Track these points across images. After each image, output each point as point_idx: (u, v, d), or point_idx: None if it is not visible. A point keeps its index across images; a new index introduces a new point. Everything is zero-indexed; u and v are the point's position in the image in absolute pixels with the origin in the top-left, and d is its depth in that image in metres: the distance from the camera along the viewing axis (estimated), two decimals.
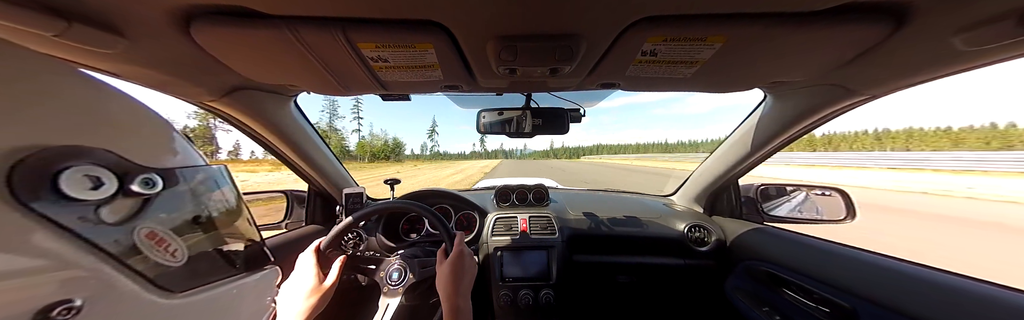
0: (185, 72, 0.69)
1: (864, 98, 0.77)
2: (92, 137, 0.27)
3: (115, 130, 0.30)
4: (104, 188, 0.26)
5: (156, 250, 0.29)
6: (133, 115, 0.32)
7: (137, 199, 0.29)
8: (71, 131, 0.26)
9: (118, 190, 0.27)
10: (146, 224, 0.29)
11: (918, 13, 0.48)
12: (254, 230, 0.45)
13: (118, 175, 0.27)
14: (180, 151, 0.36)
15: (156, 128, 0.35)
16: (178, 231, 0.32)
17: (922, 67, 0.61)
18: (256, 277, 0.42)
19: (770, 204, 1.28)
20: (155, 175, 0.30)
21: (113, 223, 0.27)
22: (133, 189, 0.28)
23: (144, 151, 0.31)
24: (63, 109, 0.26)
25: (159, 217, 0.30)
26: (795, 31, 0.51)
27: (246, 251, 0.42)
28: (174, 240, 0.31)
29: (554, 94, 1.03)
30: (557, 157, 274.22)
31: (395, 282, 0.88)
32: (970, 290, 0.63)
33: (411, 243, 1.28)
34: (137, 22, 0.49)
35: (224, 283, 0.36)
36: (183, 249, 0.31)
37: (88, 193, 0.25)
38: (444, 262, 0.79)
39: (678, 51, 0.59)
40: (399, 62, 0.63)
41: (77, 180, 0.25)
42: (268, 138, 1.07)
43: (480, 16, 0.49)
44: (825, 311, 0.84)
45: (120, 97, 0.32)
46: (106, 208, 0.26)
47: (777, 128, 0.98)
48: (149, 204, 0.29)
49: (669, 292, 1.39)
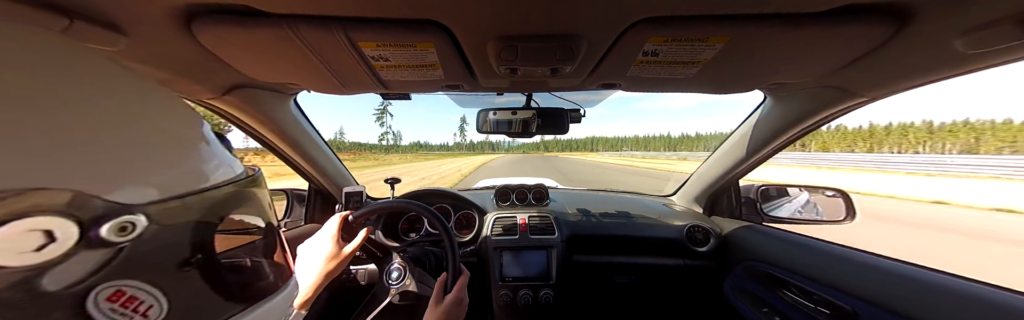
0: (186, 70, 0.69)
1: (864, 100, 0.77)
2: (55, 170, 0.19)
3: (96, 153, 0.21)
4: (53, 247, 0.19)
5: (119, 314, 0.21)
6: (136, 120, 0.24)
7: (106, 250, 0.21)
8: (30, 164, 0.18)
9: (77, 243, 0.19)
10: (112, 282, 0.21)
11: (920, 15, 0.48)
12: (277, 244, 0.36)
13: (80, 223, 0.19)
14: (194, 167, 0.27)
15: (169, 137, 0.26)
16: (162, 278, 0.23)
17: (923, 69, 0.61)
18: (275, 300, 0.33)
19: (770, 205, 1.28)
20: (139, 215, 0.22)
21: (57, 291, 0.19)
22: (101, 237, 0.20)
23: (133, 180, 0.23)
24: (19, 123, 0.18)
25: (135, 269, 0.22)
26: (796, 32, 0.51)
27: (262, 275, 0.34)
28: (150, 294, 0.23)
29: (554, 94, 1.03)
30: (549, 150, 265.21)
31: (393, 281, 0.88)
32: (971, 292, 0.63)
33: (410, 243, 1.28)
34: (139, 20, 0.49)
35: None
36: (162, 304, 0.23)
37: (26, 256, 0.18)
38: (440, 301, 0.75)
39: (679, 51, 0.59)
40: (400, 61, 0.63)
41: (14, 240, 0.17)
42: (268, 136, 1.07)
43: (481, 16, 0.49)
44: (825, 313, 0.84)
45: (117, 90, 0.24)
46: (53, 271, 0.19)
47: (777, 129, 0.98)
48: (122, 253, 0.21)
49: (668, 293, 1.39)
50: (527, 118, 1.03)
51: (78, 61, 0.23)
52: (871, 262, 0.81)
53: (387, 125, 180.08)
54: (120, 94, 0.24)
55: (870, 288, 0.76)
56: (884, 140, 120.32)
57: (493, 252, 1.24)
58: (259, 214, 0.33)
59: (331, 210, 1.46)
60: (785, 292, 0.98)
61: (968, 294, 0.63)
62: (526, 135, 1.07)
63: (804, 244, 1.01)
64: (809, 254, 0.96)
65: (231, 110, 0.92)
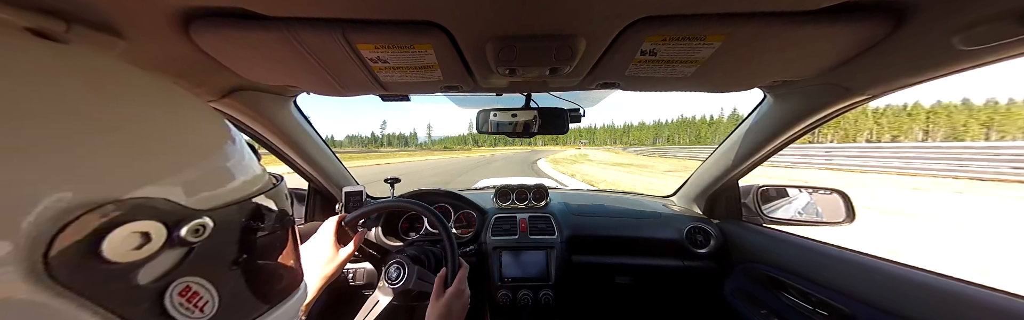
0: (184, 73, 0.69)
1: (864, 98, 0.77)
2: (149, 181, 0.23)
3: (176, 165, 0.25)
4: (149, 246, 0.22)
5: (185, 309, 0.24)
6: (198, 137, 0.28)
7: (182, 249, 0.24)
8: (132, 175, 0.22)
9: (165, 243, 0.23)
10: (184, 278, 0.24)
11: (918, 12, 0.48)
12: (295, 252, 0.39)
13: (168, 226, 0.23)
14: (241, 177, 0.30)
15: (220, 149, 0.29)
16: (217, 276, 0.27)
17: (922, 66, 0.61)
18: (292, 301, 0.36)
19: (770, 206, 1.27)
20: (208, 218, 0.25)
21: (147, 284, 0.22)
22: (181, 238, 0.23)
23: (203, 189, 0.26)
24: (129, 143, 0.22)
25: (200, 267, 0.25)
26: (795, 30, 0.51)
27: (285, 279, 0.36)
28: (209, 291, 0.26)
29: (554, 94, 1.03)
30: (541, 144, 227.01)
31: (392, 280, 0.88)
32: (971, 295, 0.63)
33: (410, 242, 1.28)
34: (136, 24, 0.49)
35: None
36: (215, 300, 0.26)
37: (129, 254, 0.21)
38: (441, 295, 0.76)
39: (677, 50, 0.59)
40: (398, 63, 0.63)
41: (123, 240, 0.20)
42: (269, 138, 1.08)
43: (479, 17, 0.49)
44: (823, 315, 0.84)
45: (195, 116, 0.28)
46: (145, 267, 0.22)
47: (777, 128, 0.98)
48: (193, 253, 0.25)
49: (668, 294, 1.39)
50: (527, 119, 1.03)
51: (161, 90, 0.27)
52: (870, 264, 0.81)
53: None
54: (194, 119, 0.29)
55: (869, 290, 0.76)
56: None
57: (493, 252, 1.24)
58: (285, 218, 0.36)
59: (331, 209, 1.47)
60: (784, 294, 0.97)
61: (967, 297, 0.63)
62: (526, 135, 1.07)
63: (804, 246, 1.00)
64: (808, 256, 0.96)
65: (231, 113, 0.92)
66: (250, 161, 0.33)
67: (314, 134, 1.19)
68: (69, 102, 0.21)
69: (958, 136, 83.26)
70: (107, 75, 0.25)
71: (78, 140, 0.20)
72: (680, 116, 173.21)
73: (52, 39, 0.26)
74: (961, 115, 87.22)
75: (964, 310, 0.61)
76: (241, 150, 0.32)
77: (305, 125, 1.13)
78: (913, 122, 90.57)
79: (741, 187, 1.29)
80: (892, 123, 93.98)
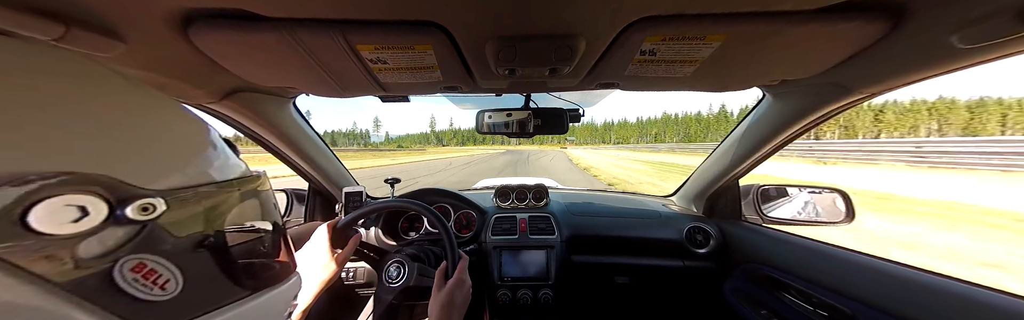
0: (184, 75, 0.69)
1: (863, 96, 0.77)
2: (90, 159, 0.24)
3: (123, 147, 0.26)
4: (87, 219, 0.23)
5: (140, 285, 0.25)
6: (155, 124, 0.29)
7: (131, 227, 0.25)
8: (65, 152, 0.23)
9: (107, 218, 0.24)
10: (136, 255, 0.25)
11: (916, 11, 0.48)
12: (281, 240, 0.40)
13: (109, 202, 0.24)
14: (205, 163, 0.32)
15: (182, 138, 0.31)
16: (177, 256, 0.28)
17: (920, 65, 0.61)
18: (277, 291, 0.37)
19: (770, 205, 1.27)
20: (158, 199, 0.26)
21: (90, 258, 0.23)
22: (127, 216, 0.24)
23: (153, 170, 0.28)
24: (64, 124, 0.23)
25: (155, 245, 0.26)
26: (793, 29, 0.51)
27: (267, 266, 0.37)
28: (167, 269, 0.27)
29: (553, 94, 1.03)
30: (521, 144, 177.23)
31: (392, 280, 0.88)
32: (970, 296, 0.63)
33: (410, 242, 1.28)
34: (135, 26, 0.49)
35: (231, 308, 0.32)
36: (177, 279, 0.27)
37: (65, 226, 0.22)
38: (442, 287, 0.77)
39: (677, 50, 0.59)
40: (398, 64, 0.63)
41: (54, 212, 0.22)
42: (269, 139, 1.08)
43: (479, 17, 0.49)
44: (824, 315, 0.84)
45: (140, 102, 0.29)
46: (87, 241, 0.23)
47: (776, 127, 0.97)
48: (144, 231, 0.26)
49: (668, 294, 1.39)
50: (526, 119, 1.03)
51: (106, 82, 0.29)
52: (870, 264, 0.81)
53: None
54: (144, 106, 0.30)
55: (869, 290, 0.76)
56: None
57: (493, 252, 1.24)
58: (264, 210, 0.37)
59: (331, 209, 1.47)
60: (784, 294, 0.97)
61: (967, 297, 0.63)
62: (525, 135, 1.07)
63: (804, 246, 1.00)
64: (809, 256, 0.96)
65: (231, 114, 0.92)
66: (221, 153, 0.34)
67: (314, 135, 1.19)
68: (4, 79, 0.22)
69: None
70: (54, 60, 0.26)
71: (9, 115, 0.21)
72: (663, 113, 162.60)
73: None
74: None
75: (965, 310, 0.62)
76: (210, 141, 0.33)
77: (305, 126, 1.13)
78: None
79: (741, 187, 1.29)
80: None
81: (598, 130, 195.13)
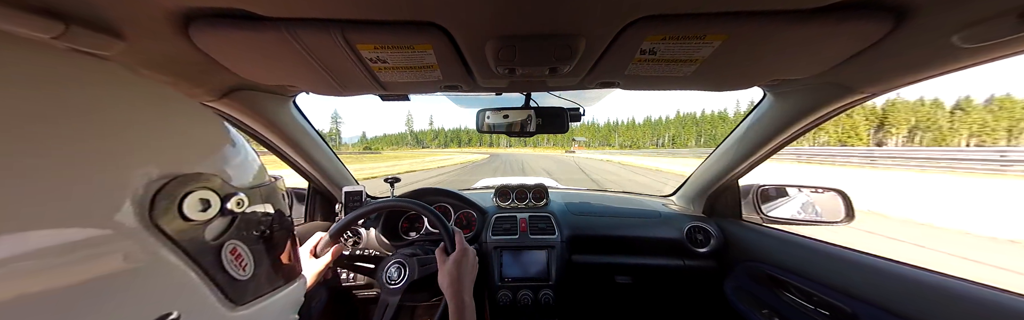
0: (184, 73, 0.69)
1: (864, 96, 0.77)
2: (207, 164, 0.31)
3: (221, 156, 0.34)
4: (210, 210, 0.29)
5: (234, 265, 0.31)
6: (230, 140, 0.36)
7: (230, 217, 0.32)
8: (195, 160, 0.30)
9: (219, 209, 0.30)
10: (232, 240, 0.31)
11: (918, 10, 0.47)
12: (295, 241, 0.46)
13: (221, 197, 0.30)
14: (257, 170, 0.39)
15: (244, 151, 0.38)
16: (253, 244, 0.34)
17: (922, 64, 0.61)
18: (291, 287, 0.42)
19: (770, 205, 1.27)
20: (243, 194, 0.32)
21: (210, 240, 0.29)
22: (229, 208, 0.31)
23: (237, 173, 0.34)
24: (189, 141, 0.31)
25: (241, 233, 0.33)
26: (794, 29, 0.51)
27: (288, 263, 0.43)
28: (247, 255, 0.33)
29: (553, 93, 1.03)
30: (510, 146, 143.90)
31: (395, 281, 0.88)
32: (971, 294, 0.63)
33: (410, 242, 1.28)
34: (136, 24, 0.49)
35: (272, 295, 0.38)
36: (252, 263, 0.34)
37: (199, 214, 0.28)
38: (446, 260, 0.79)
39: (677, 49, 0.59)
40: (398, 63, 0.63)
41: (194, 203, 0.28)
42: (268, 137, 1.07)
43: (479, 16, 0.49)
44: (825, 314, 0.84)
45: (221, 125, 0.36)
46: (208, 227, 0.29)
47: (777, 127, 0.97)
48: (236, 221, 0.32)
49: (668, 293, 1.39)
50: (526, 118, 1.03)
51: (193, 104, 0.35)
52: (870, 263, 0.81)
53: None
54: (217, 123, 0.37)
55: (870, 289, 0.76)
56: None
57: (493, 252, 1.24)
58: (285, 209, 0.43)
59: (331, 209, 1.47)
60: (785, 293, 0.97)
61: (967, 296, 0.63)
62: (525, 135, 1.07)
63: (804, 245, 1.00)
64: (809, 255, 0.96)
65: (231, 112, 0.92)
66: (256, 157, 0.40)
67: (314, 134, 1.19)
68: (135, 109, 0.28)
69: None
70: (168, 94, 0.32)
71: (154, 134, 0.28)
72: (677, 112, 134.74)
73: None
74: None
75: (966, 309, 0.61)
76: (249, 148, 0.40)
77: (305, 125, 1.13)
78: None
79: (741, 186, 1.29)
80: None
81: (600, 131, 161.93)
